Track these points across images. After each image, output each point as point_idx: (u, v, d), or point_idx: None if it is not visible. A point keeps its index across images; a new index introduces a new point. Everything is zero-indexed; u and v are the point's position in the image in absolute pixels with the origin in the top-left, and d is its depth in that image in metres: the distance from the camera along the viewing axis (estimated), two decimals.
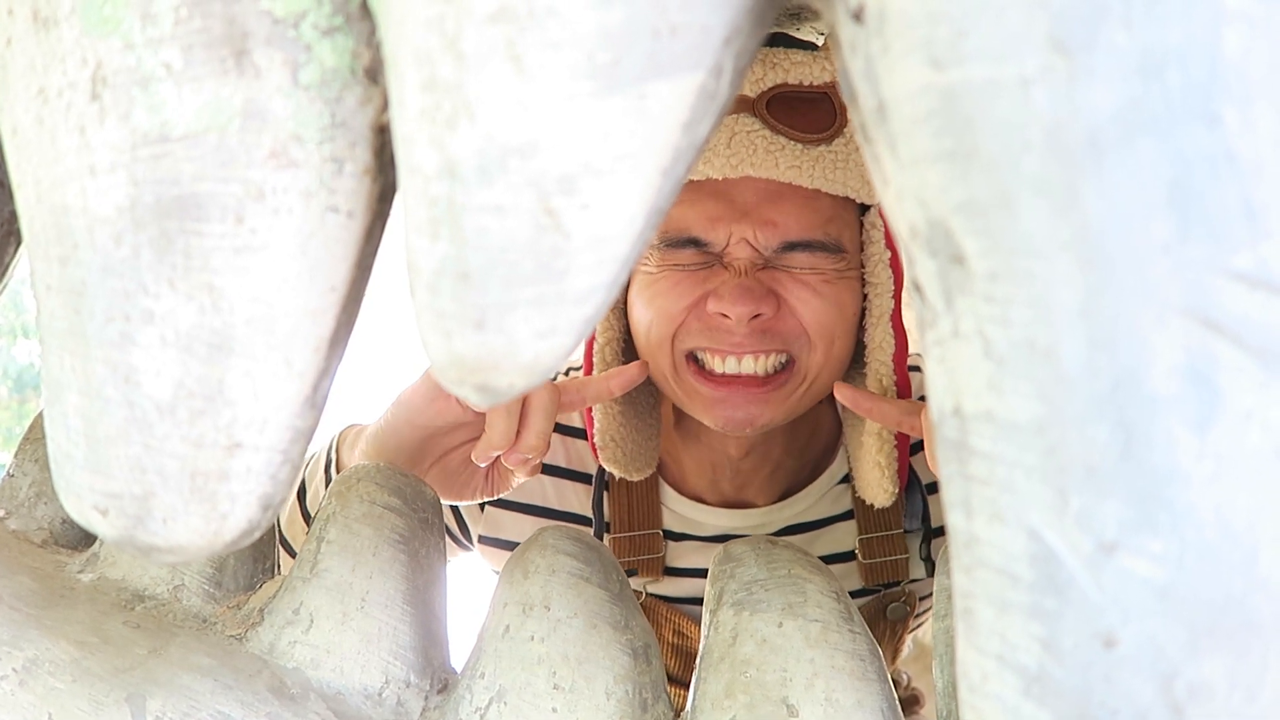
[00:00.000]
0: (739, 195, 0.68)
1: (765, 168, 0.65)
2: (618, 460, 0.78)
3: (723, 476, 0.84)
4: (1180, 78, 0.15)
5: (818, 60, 0.67)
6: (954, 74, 0.17)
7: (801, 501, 0.84)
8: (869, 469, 0.74)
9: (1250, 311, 0.16)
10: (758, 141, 0.65)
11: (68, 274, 0.23)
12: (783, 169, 0.65)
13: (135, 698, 0.35)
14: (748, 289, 0.67)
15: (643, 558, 0.84)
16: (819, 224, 0.68)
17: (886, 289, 0.71)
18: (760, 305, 0.67)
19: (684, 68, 0.20)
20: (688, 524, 0.85)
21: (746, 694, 0.36)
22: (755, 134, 0.65)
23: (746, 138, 0.65)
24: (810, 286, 0.69)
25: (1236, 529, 0.16)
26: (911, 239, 0.20)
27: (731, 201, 0.68)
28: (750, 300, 0.66)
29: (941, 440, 0.20)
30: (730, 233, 0.68)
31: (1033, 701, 0.18)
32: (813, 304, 0.69)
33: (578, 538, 0.42)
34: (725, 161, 0.66)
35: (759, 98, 0.66)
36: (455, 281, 0.20)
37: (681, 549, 0.86)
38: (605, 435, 0.77)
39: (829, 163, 0.66)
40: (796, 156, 0.65)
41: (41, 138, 0.23)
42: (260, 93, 0.22)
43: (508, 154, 0.20)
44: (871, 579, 0.83)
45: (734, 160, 0.65)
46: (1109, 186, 0.16)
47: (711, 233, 0.68)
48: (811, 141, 0.66)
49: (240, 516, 0.25)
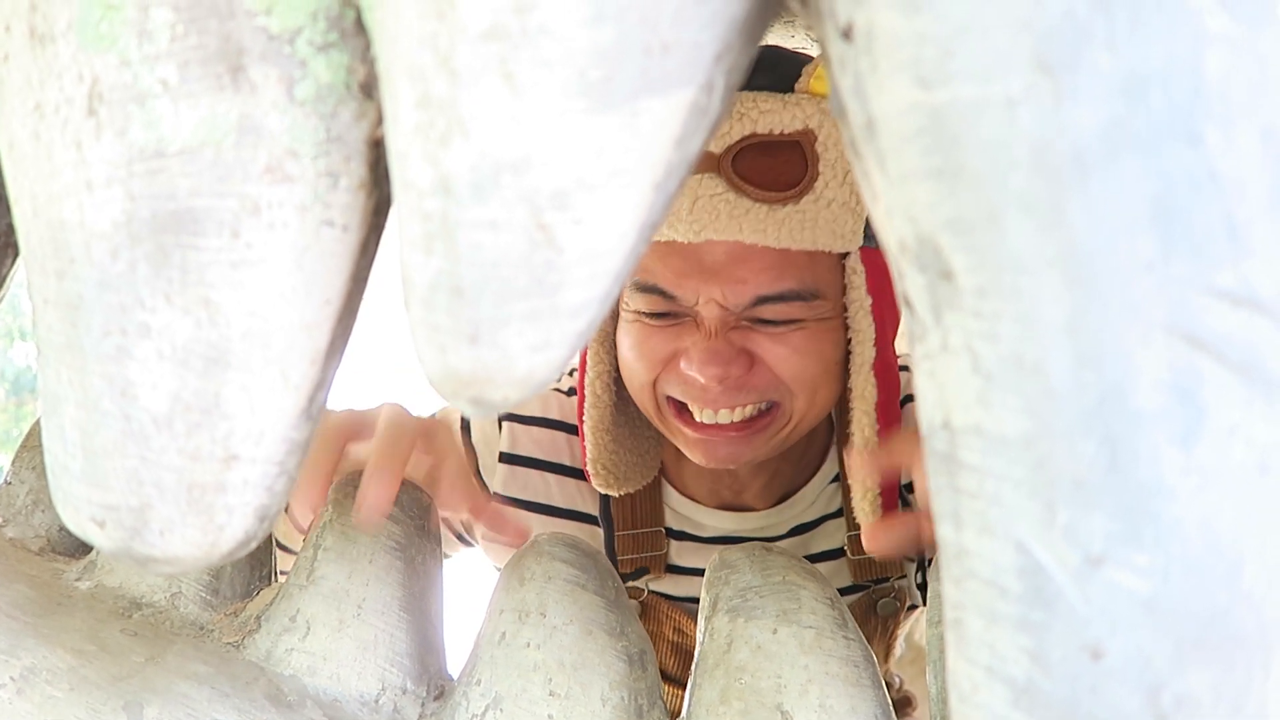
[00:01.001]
0: (708, 256, 0.66)
1: (729, 231, 0.63)
2: (608, 484, 0.79)
3: (721, 484, 0.84)
4: (1163, 98, 0.16)
5: (788, 107, 0.64)
6: (941, 93, 0.17)
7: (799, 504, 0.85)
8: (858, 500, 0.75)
9: (1233, 329, 0.16)
10: (720, 206, 0.63)
11: (64, 288, 0.23)
12: (747, 232, 0.63)
13: (132, 706, 0.35)
14: (716, 352, 0.65)
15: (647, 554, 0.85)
16: (793, 274, 0.66)
17: (868, 337, 0.69)
18: (729, 368, 0.66)
19: (676, 84, 0.20)
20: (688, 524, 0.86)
21: (741, 700, 0.36)
22: (718, 198, 0.63)
23: (709, 202, 0.63)
24: (788, 344, 0.67)
25: (1221, 543, 0.16)
26: (901, 254, 0.20)
27: (700, 262, 0.66)
28: (719, 363, 0.65)
29: (931, 453, 0.20)
30: (698, 293, 0.66)
31: (1021, 712, 0.18)
32: (791, 360, 0.68)
33: (574, 544, 0.42)
34: (689, 226, 0.63)
35: (725, 153, 0.63)
36: (449, 296, 0.21)
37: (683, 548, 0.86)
38: (596, 463, 0.78)
39: (796, 223, 0.64)
40: (761, 220, 0.63)
41: (38, 153, 0.23)
42: (256, 108, 0.22)
43: (501, 170, 0.20)
44: (861, 575, 0.84)
45: (696, 225, 0.63)
46: (1094, 204, 0.16)
47: (679, 289, 0.67)
48: (778, 201, 0.63)
49: (237, 528, 0.25)
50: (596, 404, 0.76)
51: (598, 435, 0.77)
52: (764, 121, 0.64)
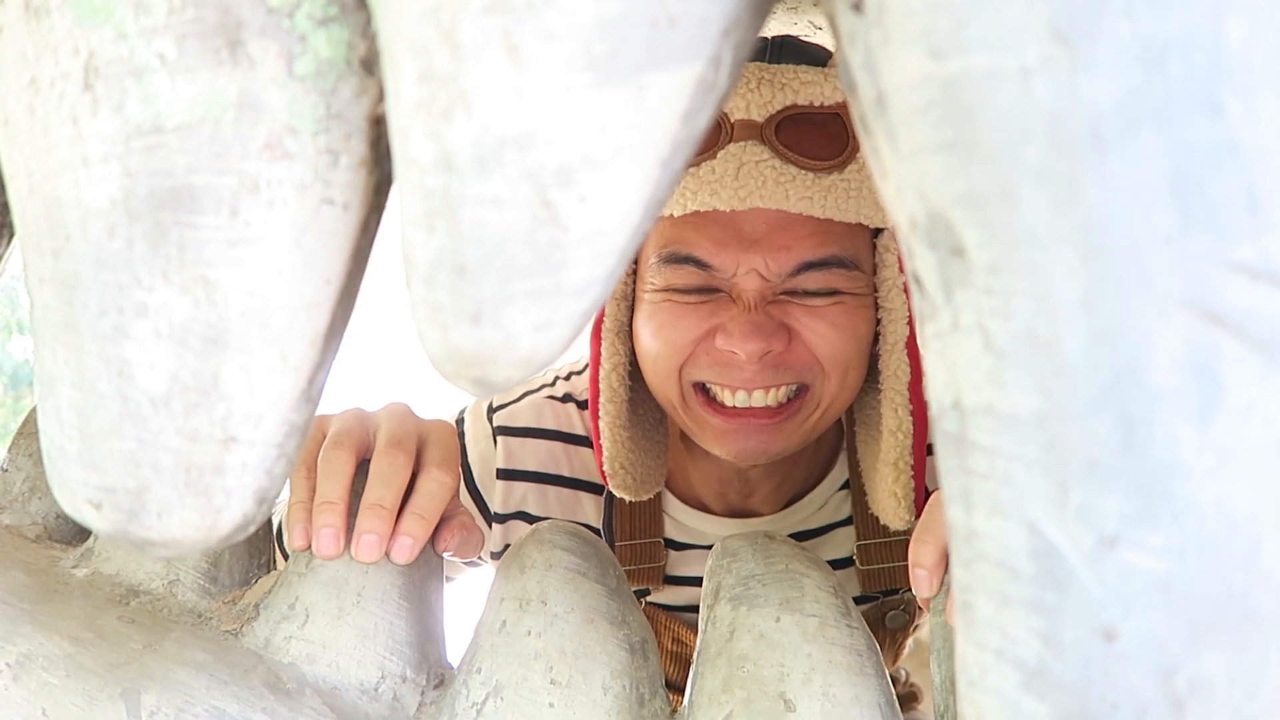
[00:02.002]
0: (748, 225, 0.65)
1: (775, 199, 0.62)
2: (628, 486, 0.76)
3: (730, 488, 0.82)
4: (1183, 67, 0.15)
5: (829, 79, 0.64)
6: (954, 64, 0.17)
7: (805, 509, 0.83)
8: (885, 497, 0.72)
9: (1252, 304, 0.15)
10: (767, 173, 0.63)
11: (61, 267, 0.23)
12: (793, 200, 0.62)
13: (130, 693, 0.35)
14: (757, 325, 0.64)
15: (643, 566, 0.82)
16: (835, 241, 0.66)
17: (901, 315, 0.68)
18: (771, 341, 0.64)
19: (682, 59, 0.20)
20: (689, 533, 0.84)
21: (744, 689, 0.36)
22: (764, 164, 0.63)
23: (755, 168, 0.63)
24: (825, 319, 0.66)
25: (1238, 522, 0.16)
26: (911, 231, 0.20)
27: (740, 231, 0.65)
28: (760, 337, 0.64)
29: (941, 434, 0.20)
30: (739, 262, 0.65)
31: (1032, 696, 0.18)
32: (828, 336, 0.66)
33: (575, 533, 0.42)
34: (733, 194, 0.63)
35: (767, 122, 0.63)
36: (452, 274, 0.20)
37: (683, 558, 0.84)
38: (614, 463, 0.75)
39: (841, 192, 0.63)
40: (807, 187, 0.63)
41: (34, 129, 0.22)
42: (255, 84, 0.22)
43: (504, 145, 0.19)
44: (870, 586, 0.82)
45: (742, 193, 0.63)
46: (1110, 177, 0.16)
47: (717, 258, 0.65)
48: (823, 169, 0.63)
49: (235, 511, 0.24)
50: (613, 399, 0.74)
51: (615, 432, 0.74)
52: (805, 93, 0.64)
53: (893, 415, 0.70)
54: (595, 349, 0.74)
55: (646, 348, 0.70)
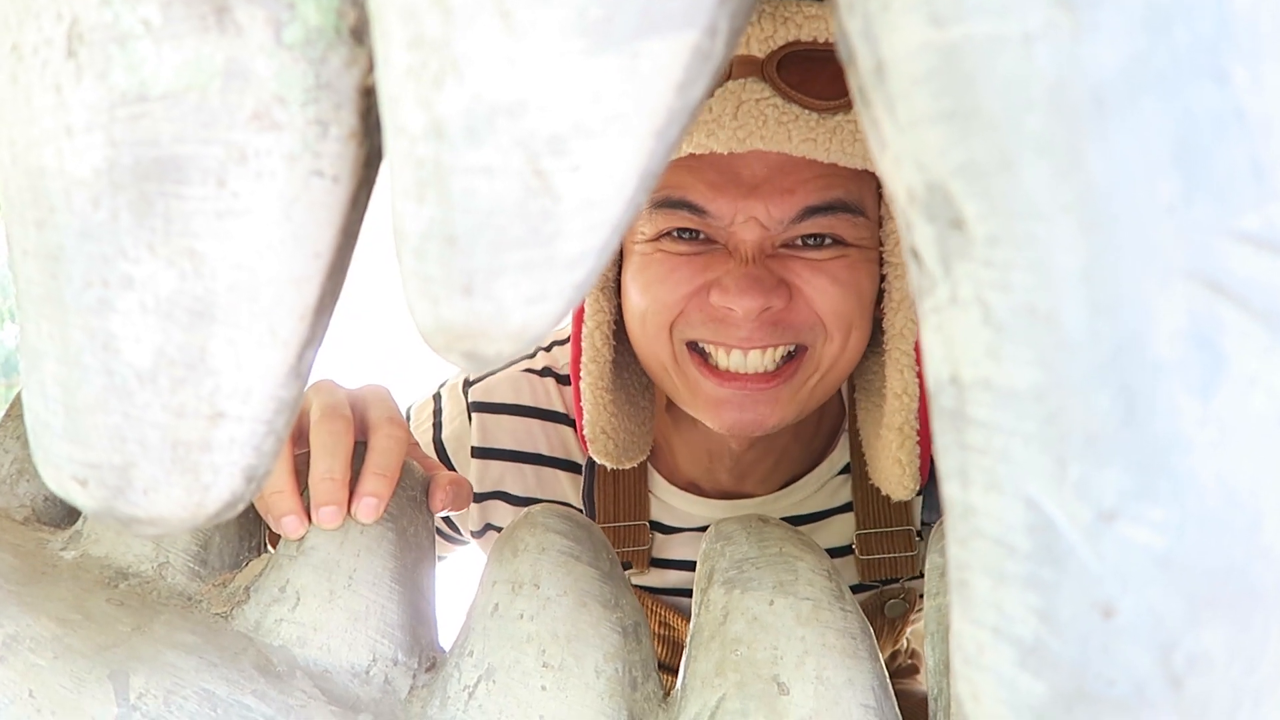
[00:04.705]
0: (746, 169, 0.60)
1: (777, 140, 0.57)
2: (609, 453, 0.71)
3: (721, 467, 0.78)
4: (1188, 33, 0.15)
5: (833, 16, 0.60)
6: (955, 31, 0.17)
7: (799, 491, 0.79)
8: (888, 464, 0.68)
9: (1256, 274, 0.15)
10: (768, 111, 0.57)
11: (44, 238, 0.22)
12: (796, 142, 0.57)
13: (118, 674, 0.34)
14: (756, 279, 0.59)
15: (628, 549, 0.78)
16: (840, 185, 0.60)
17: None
18: (770, 298, 0.59)
19: (677, 26, 0.19)
20: (677, 515, 0.80)
21: (737, 672, 0.36)
22: (765, 103, 0.57)
23: (755, 106, 0.57)
24: (828, 273, 0.61)
25: (1239, 496, 0.16)
26: (909, 204, 0.19)
27: (737, 175, 0.60)
28: (759, 293, 0.59)
29: (938, 410, 0.20)
30: (736, 210, 0.60)
31: (1029, 673, 0.18)
32: (830, 292, 0.61)
33: (568, 516, 0.42)
34: (731, 134, 0.57)
35: (768, 58, 0.58)
36: (442, 245, 0.20)
37: (670, 541, 0.80)
38: (595, 427, 0.70)
39: (847, 134, 0.58)
40: (811, 128, 0.57)
41: (16, 97, 0.22)
42: (242, 51, 0.21)
43: (496, 113, 0.19)
44: (869, 575, 0.78)
45: (741, 133, 0.57)
46: (1113, 146, 0.16)
47: (713, 203, 0.60)
48: (828, 110, 0.57)
49: (223, 488, 0.24)
50: (595, 358, 0.69)
51: (597, 394, 0.69)
52: (809, 28, 0.58)
53: (898, 377, 0.65)
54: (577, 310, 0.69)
55: (635, 304, 0.65)
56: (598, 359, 0.69)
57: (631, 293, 0.66)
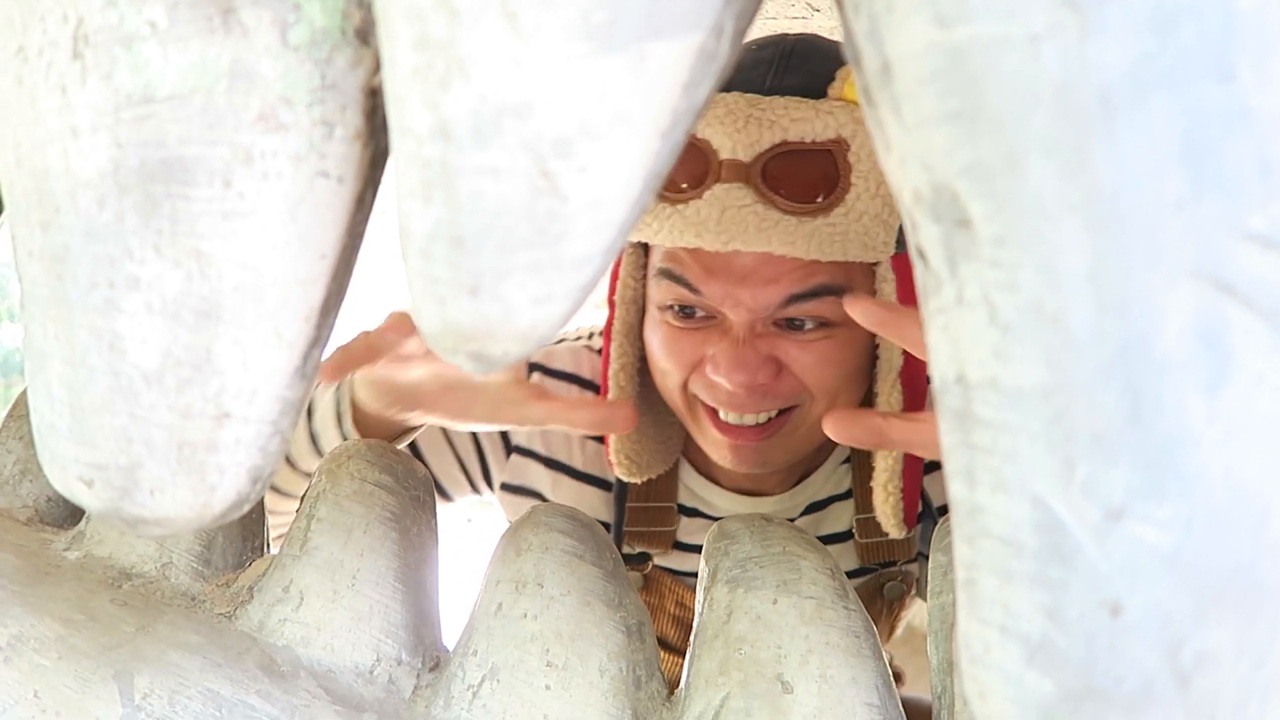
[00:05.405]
0: (736, 260, 0.65)
1: (759, 243, 0.63)
2: (630, 472, 0.79)
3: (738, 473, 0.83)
4: (1194, 32, 0.15)
5: (820, 115, 0.62)
6: (961, 31, 0.17)
7: (813, 485, 0.85)
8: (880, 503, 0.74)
9: (1263, 273, 0.15)
10: (749, 218, 0.62)
11: (50, 239, 0.22)
12: (776, 244, 0.62)
13: (123, 675, 0.34)
14: (743, 360, 0.65)
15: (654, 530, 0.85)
16: (824, 272, 0.66)
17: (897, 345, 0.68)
18: (756, 375, 0.66)
19: (683, 28, 0.19)
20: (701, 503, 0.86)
21: (741, 671, 0.36)
22: (747, 209, 0.62)
23: (738, 213, 0.62)
24: (815, 352, 0.67)
25: (1246, 494, 0.16)
26: (915, 205, 0.19)
27: (728, 265, 0.65)
28: (745, 371, 0.65)
29: (944, 410, 0.20)
30: (725, 295, 0.66)
31: (1036, 671, 0.18)
32: (815, 370, 0.68)
33: (571, 515, 0.42)
34: (716, 236, 0.63)
35: (754, 161, 0.62)
36: (449, 246, 0.20)
37: (693, 525, 0.86)
38: (620, 454, 0.78)
39: (826, 236, 0.63)
40: (791, 231, 0.62)
41: (21, 98, 0.22)
42: (248, 53, 0.21)
43: (502, 114, 0.19)
44: (868, 558, 0.84)
45: (725, 235, 0.63)
46: (1120, 145, 0.16)
47: (706, 285, 0.66)
48: (808, 213, 0.62)
49: (229, 489, 0.24)
50: (620, 396, 0.76)
51: None
52: (795, 130, 0.62)
53: None
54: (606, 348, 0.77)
55: (655, 359, 0.73)
56: (621, 396, 0.76)
57: (651, 345, 0.74)
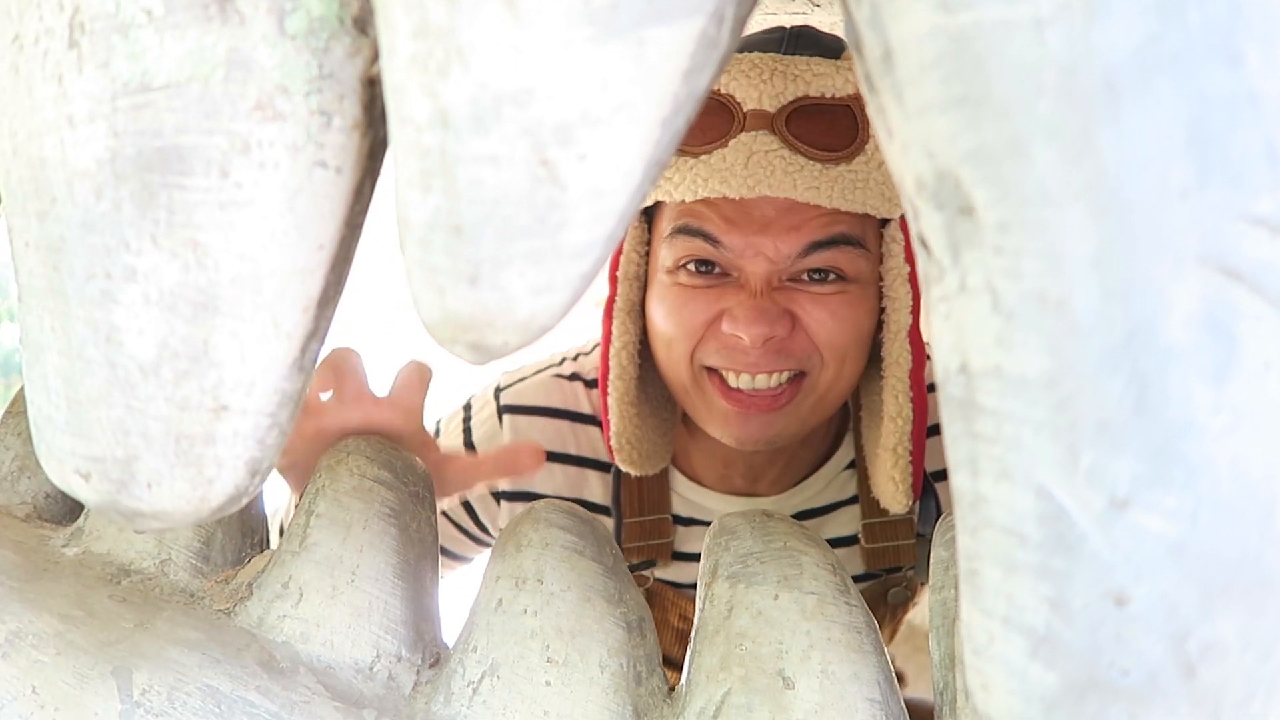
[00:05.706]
0: (757, 210, 0.67)
1: (784, 188, 0.65)
2: (633, 461, 0.78)
3: (734, 471, 0.84)
4: (1200, 16, 0.15)
5: (840, 71, 0.66)
6: (964, 16, 0.17)
7: (808, 489, 0.85)
8: (884, 480, 0.75)
9: (1271, 258, 0.15)
10: (775, 162, 0.65)
11: (46, 230, 0.22)
12: (800, 189, 0.65)
13: (121, 671, 0.34)
14: (762, 311, 0.66)
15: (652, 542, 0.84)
16: (842, 222, 0.68)
17: (905, 304, 0.70)
18: (774, 327, 0.67)
19: (684, 13, 0.19)
20: (696, 509, 0.85)
21: (742, 667, 0.35)
22: (773, 154, 0.65)
23: (764, 158, 0.65)
24: (828, 308, 0.69)
25: (1253, 483, 0.16)
26: (917, 192, 0.19)
27: (749, 214, 0.67)
28: (765, 322, 0.66)
29: (947, 399, 0.20)
30: (746, 244, 0.67)
31: (1040, 663, 0.18)
32: (828, 325, 0.69)
33: (571, 511, 0.42)
34: (743, 182, 0.65)
35: (779, 112, 0.65)
36: (448, 235, 0.20)
37: (690, 534, 0.86)
38: (621, 438, 0.77)
39: (848, 182, 0.65)
40: (815, 177, 0.65)
41: (18, 87, 0.22)
42: (245, 41, 0.21)
43: (502, 102, 0.19)
44: (874, 564, 0.84)
45: (751, 181, 0.65)
46: (1125, 130, 0.16)
47: (727, 235, 0.67)
48: (831, 160, 0.65)
49: (227, 481, 0.24)
50: (622, 375, 0.76)
51: (623, 408, 0.76)
52: (816, 84, 0.66)
53: (894, 401, 0.72)
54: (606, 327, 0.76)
55: (660, 330, 0.73)
56: (624, 376, 0.76)
57: (656, 318, 0.73)
